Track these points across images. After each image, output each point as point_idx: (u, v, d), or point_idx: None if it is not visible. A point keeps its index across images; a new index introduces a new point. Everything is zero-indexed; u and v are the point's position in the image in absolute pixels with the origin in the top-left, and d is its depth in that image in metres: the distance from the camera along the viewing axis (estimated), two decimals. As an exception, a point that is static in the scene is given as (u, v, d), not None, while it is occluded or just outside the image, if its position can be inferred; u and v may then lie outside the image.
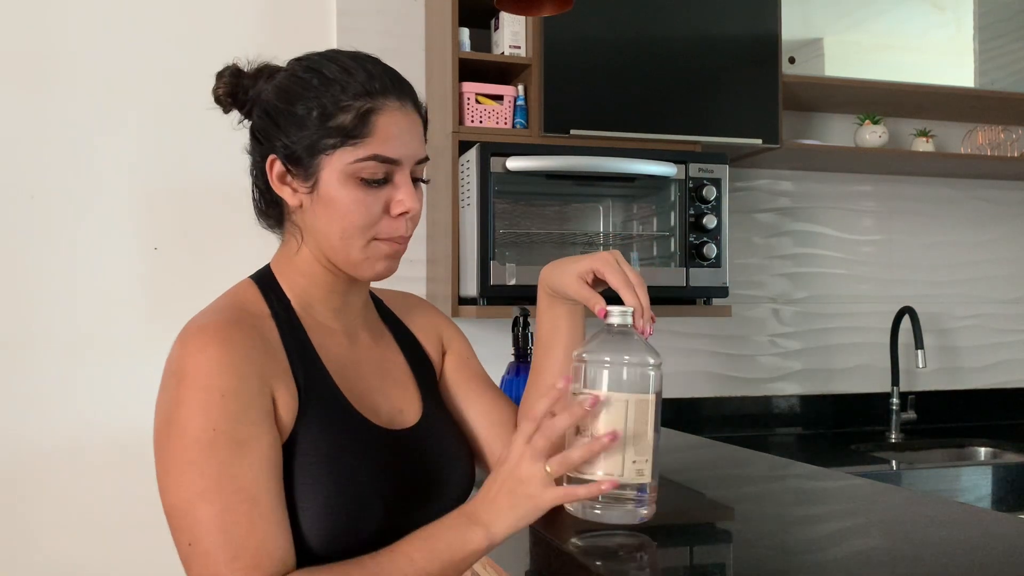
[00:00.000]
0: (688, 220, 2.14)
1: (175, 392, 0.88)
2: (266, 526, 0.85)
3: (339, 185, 0.95)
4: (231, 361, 0.88)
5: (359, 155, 0.94)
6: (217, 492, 0.84)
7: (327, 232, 0.97)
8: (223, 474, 0.85)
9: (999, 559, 0.97)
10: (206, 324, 0.92)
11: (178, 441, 0.86)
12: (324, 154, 0.95)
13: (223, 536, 0.84)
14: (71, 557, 2.09)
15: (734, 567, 0.99)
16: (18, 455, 2.08)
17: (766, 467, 1.54)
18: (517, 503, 0.90)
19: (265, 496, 0.86)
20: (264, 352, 0.92)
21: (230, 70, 1.02)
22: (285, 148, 0.97)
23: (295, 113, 0.96)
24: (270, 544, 0.85)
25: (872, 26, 2.55)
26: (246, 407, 0.87)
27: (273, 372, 0.92)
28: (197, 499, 0.85)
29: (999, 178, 2.87)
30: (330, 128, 0.94)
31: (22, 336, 2.10)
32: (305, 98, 0.96)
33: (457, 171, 2.11)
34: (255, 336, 0.93)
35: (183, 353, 0.90)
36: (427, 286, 2.32)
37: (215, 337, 0.89)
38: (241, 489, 0.85)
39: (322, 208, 0.96)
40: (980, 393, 2.85)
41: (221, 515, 0.84)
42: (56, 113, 2.13)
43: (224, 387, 0.87)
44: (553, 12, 1.53)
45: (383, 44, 2.31)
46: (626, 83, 2.17)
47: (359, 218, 0.96)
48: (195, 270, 2.16)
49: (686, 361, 2.58)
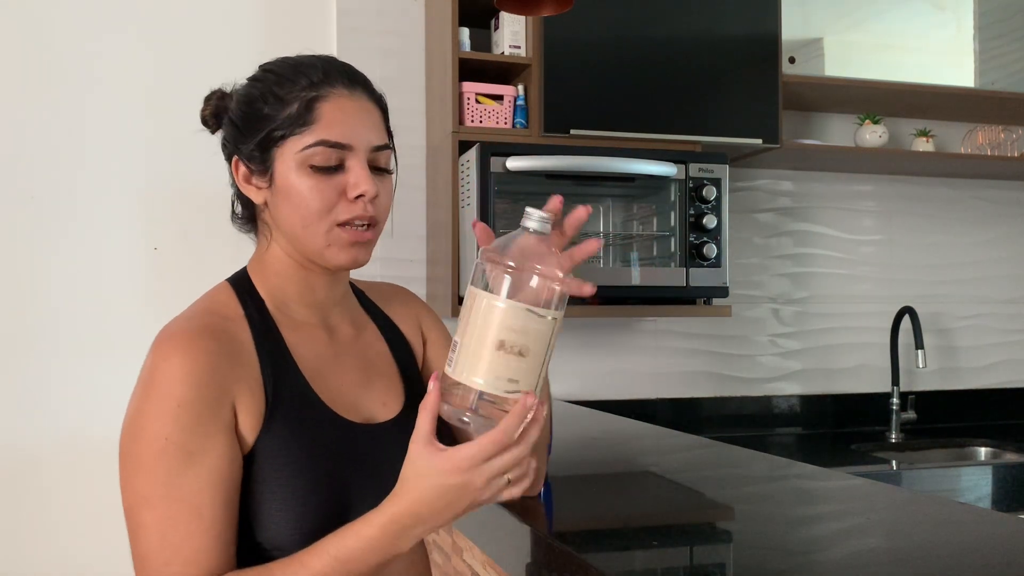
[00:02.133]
0: (688, 220, 2.14)
1: (139, 398, 0.91)
2: (203, 538, 0.87)
3: (293, 175, 0.96)
4: (192, 371, 0.89)
5: (307, 142, 0.95)
6: (160, 500, 0.87)
7: (290, 223, 0.98)
8: (168, 483, 0.87)
9: (999, 559, 0.97)
10: (174, 332, 0.93)
11: (134, 446, 0.89)
12: (276, 147, 0.97)
13: (159, 542, 0.87)
14: (71, 556, 2.09)
15: (734, 567, 0.99)
16: (18, 455, 2.08)
17: (766, 467, 1.54)
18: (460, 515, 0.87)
19: (208, 508, 0.88)
20: (230, 360, 0.93)
21: (216, 93, 1.05)
22: (245, 147, 1.00)
23: (250, 114, 0.99)
24: (203, 556, 0.87)
25: (872, 26, 2.55)
26: (199, 419, 0.89)
27: (237, 378, 0.92)
28: (142, 504, 0.88)
29: (999, 178, 2.87)
30: (279, 120, 0.97)
31: (22, 336, 2.10)
32: (259, 98, 0.99)
33: (457, 171, 2.11)
34: (223, 343, 0.93)
35: (151, 360, 0.92)
36: (427, 286, 2.32)
37: (180, 346, 0.91)
38: (183, 499, 0.87)
39: (282, 200, 0.98)
40: (980, 393, 2.85)
41: (160, 522, 0.87)
42: (56, 113, 2.13)
43: (181, 397, 0.88)
44: (553, 12, 1.53)
45: (383, 44, 2.31)
46: (626, 83, 2.17)
47: (315, 203, 0.96)
48: (195, 270, 2.16)
49: (686, 361, 2.58)
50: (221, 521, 0.89)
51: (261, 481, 0.92)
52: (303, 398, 0.97)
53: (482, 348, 0.82)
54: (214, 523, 0.88)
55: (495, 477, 0.84)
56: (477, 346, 0.83)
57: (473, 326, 0.83)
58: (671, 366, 2.56)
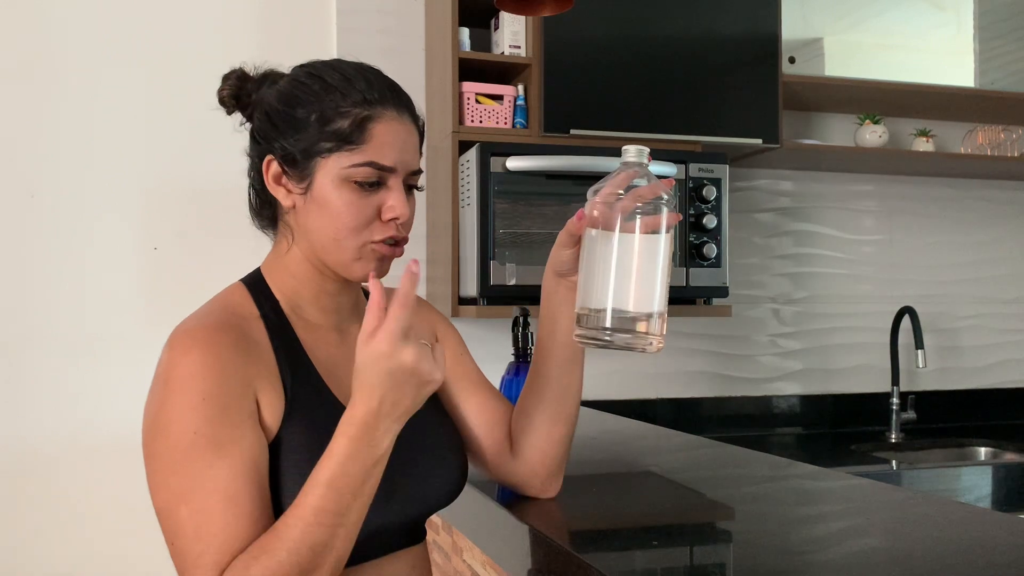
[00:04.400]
0: (688, 220, 2.14)
1: (159, 396, 0.90)
2: (240, 524, 0.86)
3: (333, 188, 0.97)
4: (213, 364, 0.90)
5: (355, 160, 0.97)
6: (195, 492, 0.86)
7: (320, 233, 0.99)
8: (202, 475, 0.87)
9: (999, 559, 0.97)
10: (192, 328, 0.93)
11: (161, 444, 0.88)
12: (320, 157, 0.97)
13: (195, 534, 0.86)
14: (71, 556, 2.09)
15: (734, 567, 0.99)
16: (18, 455, 2.08)
17: (766, 467, 1.54)
18: (417, 397, 0.88)
19: (243, 495, 0.87)
20: (249, 354, 0.93)
21: (236, 73, 1.05)
22: (282, 149, 0.99)
23: (294, 116, 0.98)
24: (240, 543, 0.86)
25: (872, 26, 2.55)
26: (226, 409, 0.89)
27: (258, 374, 0.93)
28: (177, 500, 0.87)
29: (999, 178, 2.87)
30: (327, 132, 0.97)
31: (22, 336, 2.10)
32: (305, 102, 0.98)
33: (457, 171, 2.11)
34: (241, 338, 0.94)
35: (169, 357, 0.91)
36: (427, 286, 2.32)
37: (199, 341, 0.91)
38: (218, 489, 0.87)
39: (316, 209, 0.98)
40: (980, 393, 2.85)
41: (196, 515, 0.86)
42: (56, 113, 2.13)
43: (205, 390, 0.88)
44: (553, 12, 1.53)
45: (383, 44, 2.31)
46: (626, 83, 2.17)
47: (351, 220, 0.97)
48: (195, 270, 2.16)
49: (686, 361, 2.58)
50: (257, 507, 0.88)
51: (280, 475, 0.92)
52: (319, 396, 0.98)
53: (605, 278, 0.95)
54: (251, 510, 0.88)
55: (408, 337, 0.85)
56: (601, 277, 0.96)
57: (591, 261, 0.97)
58: (671, 366, 2.56)
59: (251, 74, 1.05)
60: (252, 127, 1.04)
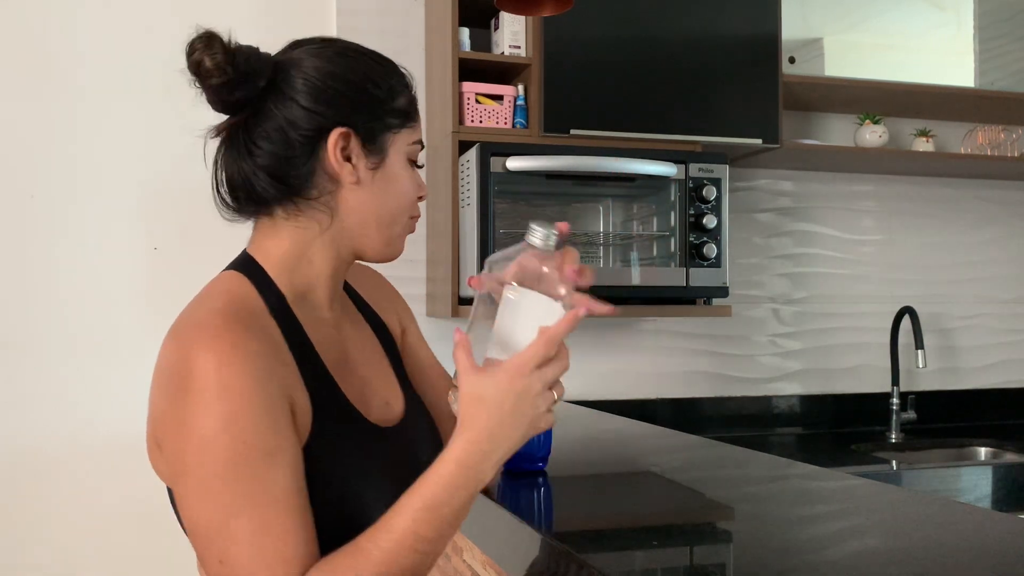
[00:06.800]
0: (688, 220, 2.14)
1: (188, 401, 0.82)
2: (299, 535, 0.82)
3: (400, 165, 0.98)
4: (249, 366, 0.83)
5: (414, 138, 1.00)
6: (250, 506, 0.81)
7: (381, 212, 0.97)
8: (255, 487, 0.81)
9: (999, 559, 0.97)
10: (206, 323, 0.86)
11: (203, 456, 0.81)
12: (391, 132, 0.97)
13: (257, 550, 0.80)
14: (71, 556, 2.09)
15: (734, 567, 0.99)
16: (18, 455, 2.08)
17: (766, 467, 1.54)
18: (529, 434, 0.87)
19: (296, 505, 0.83)
20: (276, 354, 0.87)
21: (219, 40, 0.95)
22: (364, 121, 0.95)
23: (368, 90, 0.96)
24: (302, 549, 0.82)
25: (872, 26, 2.55)
26: (271, 415, 0.83)
27: (287, 375, 0.88)
28: (228, 515, 0.81)
29: (999, 178, 2.87)
30: (395, 109, 0.98)
31: (22, 336, 2.10)
32: (375, 77, 0.97)
33: (457, 171, 2.11)
34: (264, 340, 0.87)
35: (187, 355, 0.83)
36: (427, 286, 2.32)
37: (226, 339, 0.83)
38: (276, 500, 0.82)
39: (383, 186, 0.97)
40: (980, 393, 2.85)
41: (255, 528, 0.80)
42: (56, 113, 2.13)
43: (248, 396, 0.82)
44: (553, 12, 1.53)
45: (383, 44, 2.28)
46: (626, 83, 2.17)
47: (411, 195, 1.00)
48: (195, 270, 2.15)
49: (686, 361, 2.58)
50: (308, 516, 0.84)
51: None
52: (336, 399, 0.94)
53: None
54: (305, 520, 0.83)
55: (547, 387, 0.86)
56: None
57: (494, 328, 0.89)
58: (671, 366, 2.56)
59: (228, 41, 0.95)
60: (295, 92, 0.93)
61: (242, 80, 0.92)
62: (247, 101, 0.93)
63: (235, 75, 0.91)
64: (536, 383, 0.85)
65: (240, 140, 0.95)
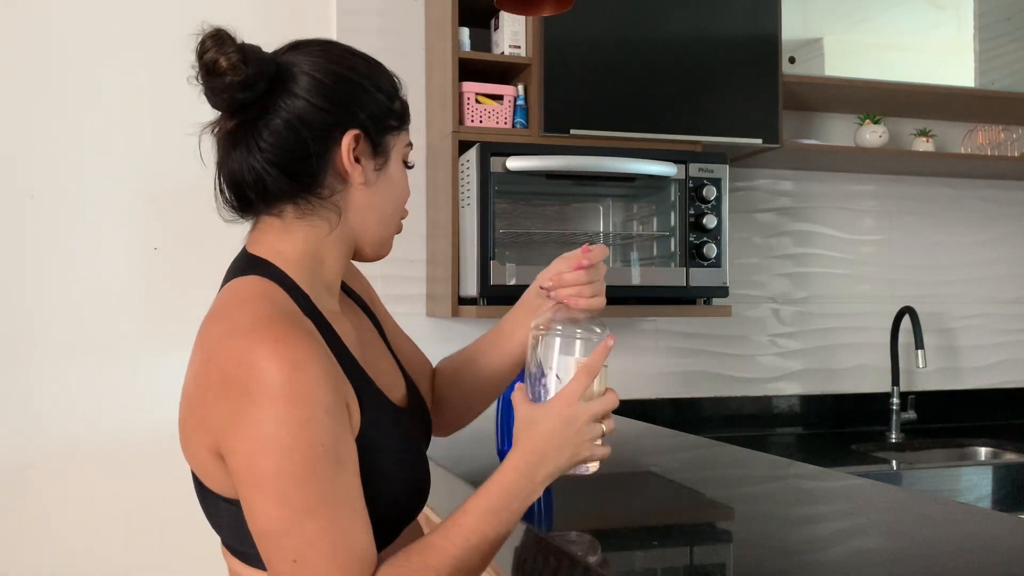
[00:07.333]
0: (688, 220, 2.14)
1: (259, 409, 0.83)
2: (366, 531, 0.87)
3: (397, 165, 1.02)
4: (314, 371, 0.84)
5: (407, 140, 1.04)
6: (324, 508, 0.84)
7: (382, 211, 1.01)
8: (327, 490, 0.84)
9: (999, 559, 0.97)
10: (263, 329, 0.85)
11: (279, 463, 0.83)
12: (392, 134, 1.01)
13: (331, 549, 0.84)
14: (71, 556, 2.09)
15: (734, 567, 0.99)
16: (18, 455, 2.08)
17: (766, 467, 1.54)
18: (576, 458, 0.96)
19: (361, 503, 0.88)
20: (327, 355, 0.88)
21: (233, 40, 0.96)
22: (371, 124, 0.97)
23: (371, 93, 0.98)
24: (370, 548, 0.87)
25: (872, 26, 2.55)
26: (338, 419, 0.87)
27: (337, 375, 0.89)
28: (303, 516, 0.83)
29: (999, 178, 2.87)
30: (393, 112, 1.00)
31: (22, 336, 2.10)
32: (378, 79, 0.99)
33: (457, 171, 2.11)
34: (315, 340, 0.88)
35: (251, 362, 0.83)
36: (427, 286, 2.32)
37: (290, 344, 0.84)
38: (346, 501, 0.86)
39: (385, 186, 1.01)
40: (980, 393, 2.85)
41: (330, 529, 0.84)
42: (56, 112, 2.13)
43: (325, 402, 0.85)
44: (553, 12, 1.53)
45: (383, 44, 2.31)
46: (626, 83, 2.17)
47: (405, 195, 1.04)
48: (195, 270, 2.16)
49: (686, 361, 2.58)
50: (366, 511, 0.88)
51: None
52: (371, 391, 0.97)
53: None
54: (366, 516, 0.88)
55: (593, 419, 0.96)
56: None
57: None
58: (671, 366, 2.56)
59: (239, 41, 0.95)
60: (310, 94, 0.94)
61: (255, 79, 0.92)
62: (255, 100, 0.94)
63: (249, 74, 0.92)
64: (582, 413, 0.95)
65: (248, 138, 0.94)
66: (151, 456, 2.13)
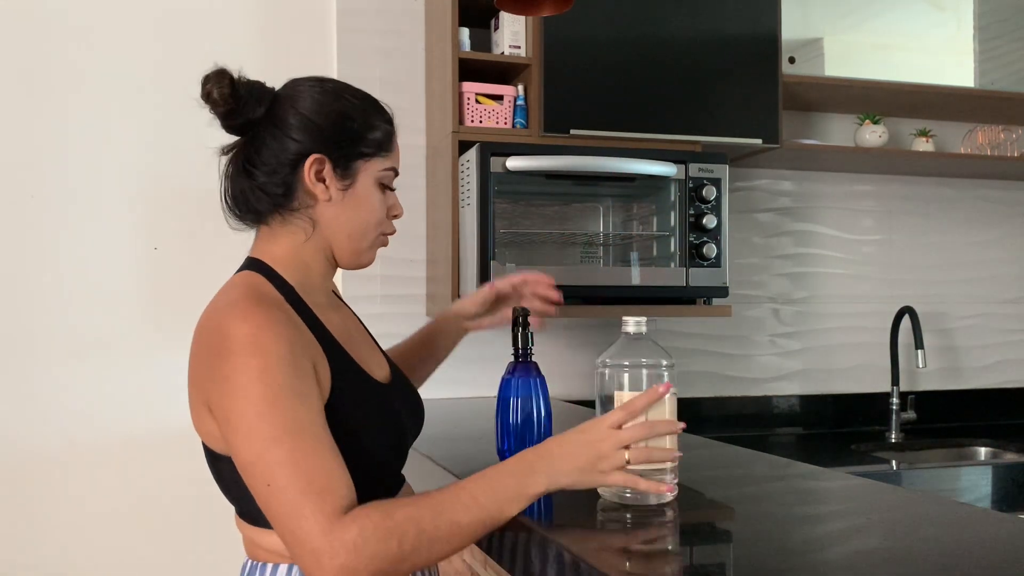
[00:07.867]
0: (688, 220, 2.14)
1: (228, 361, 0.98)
2: (332, 458, 0.96)
3: (370, 188, 1.16)
4: (279, 330, 0.99)
5: (386, 165, 1.17)
6: (286, 434, 0.95)
7: (351, 226, 1.15)
8: (289, 419, 0.95)
9: (999, 559, 0.97)
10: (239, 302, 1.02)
11: (243, 402, 0.96)
12: (363, 160, 1.14)
13: (295, 469, 0.94)
14: (71, 555, 2.10)
15: (734, 567, 0.99)
16: (18, 455, 2.08)
17: (766, 467, 1.54)
18: (586, 473, 1.04)
19: (325, 435, 0.98)
20: (297, 328, 1.04)
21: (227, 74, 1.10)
22: (336, 150, 1.12)
23: (344, 125, 1.13)
24: (336, 472, 0.96)
25: (872, 26, 2.55)
26: (298, 368, 0.99)
27: (307, 344, 1.04)
28: (269, 444, 0.95)
29: (999, 178, 2.87)
30: (369, 140, 1.15)
31: (22, 336, 2.10)
32: (349, 116, 1.14)
33: (457, 171, 2.11)
34: (287, 316, 1.04)
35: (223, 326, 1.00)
36: (427, 286, 2.32)
37: (255, 312, 1.00)
38: (305, 430, 0.96)
39: (353, 205, 1.14)
40: (980, 393, 2.85)
41: (291, 453, 0.94)
42: (56, 113, 2.13)
43: (278, 353, 0.98)
44: (553, 12, 1.53)
45: (383, 44, 2.31)
46: (626, 83, 2.17)
47: (378, 215, 1.17)
48: (195, 270, 2.16)
49: (686, 361, 2.58)
50: (341, 459, 0.98)
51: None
52: (351, 365, 1.11)
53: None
54: (333, 448, 0.98)
55: (619, 446, 1.03)
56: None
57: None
58: (671, 366, 2.56)
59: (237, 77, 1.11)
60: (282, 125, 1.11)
61: (241, 109, 1.10)
62: (248, 125, 1.12)
63: (235, 105, 1.09)
64: (608, 437, 1.04)
65: (241, 162, 1.13)
66: (151, 455, 2.13)
